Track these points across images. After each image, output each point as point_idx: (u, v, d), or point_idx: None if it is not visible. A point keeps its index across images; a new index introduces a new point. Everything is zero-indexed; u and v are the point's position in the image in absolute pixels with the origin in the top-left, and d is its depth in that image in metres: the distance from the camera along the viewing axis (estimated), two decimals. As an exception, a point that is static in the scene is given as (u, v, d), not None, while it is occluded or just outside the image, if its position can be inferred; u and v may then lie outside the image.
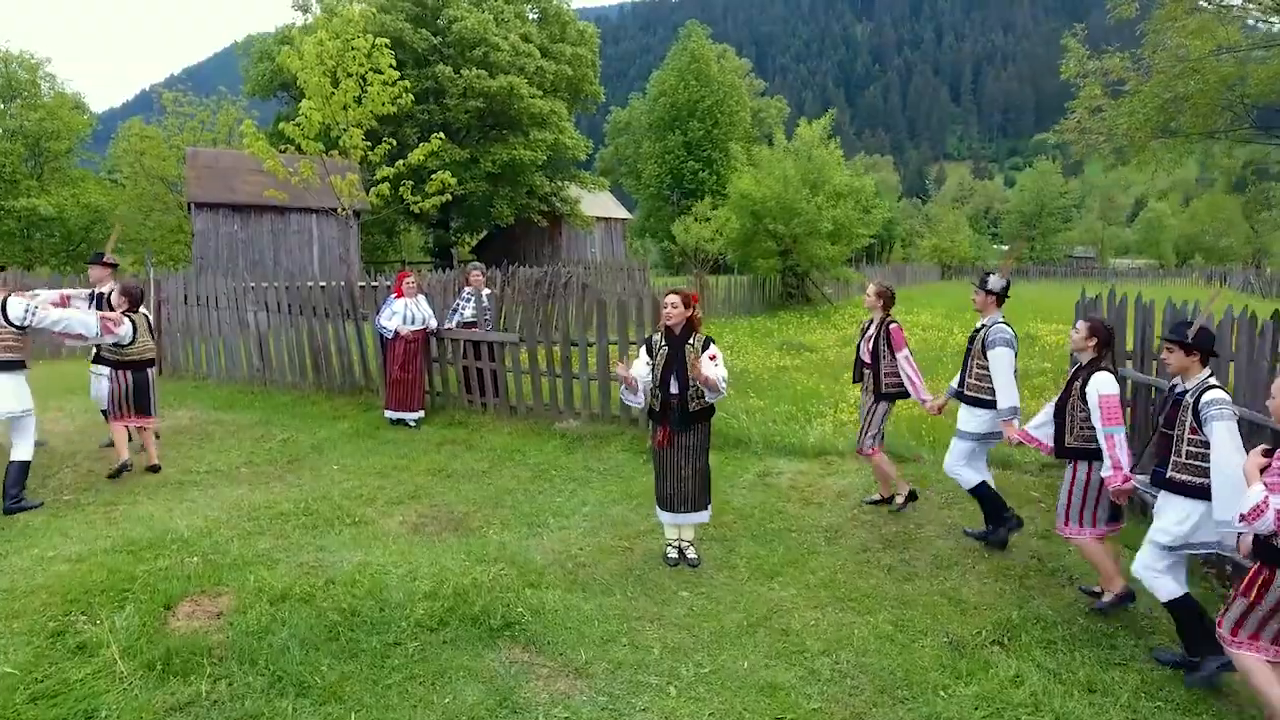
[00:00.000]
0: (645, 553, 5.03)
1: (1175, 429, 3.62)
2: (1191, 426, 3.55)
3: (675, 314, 4.70)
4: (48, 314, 5.76)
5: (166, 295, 10.47)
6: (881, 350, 5.56)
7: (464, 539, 5.25)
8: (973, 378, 5.05)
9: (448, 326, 8.60)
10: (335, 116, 11.56)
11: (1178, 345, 3.67)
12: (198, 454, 7.22)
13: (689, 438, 4.75)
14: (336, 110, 11.41)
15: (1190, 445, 3.55)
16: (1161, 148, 11.06)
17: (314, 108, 11.19)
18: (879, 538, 5.35)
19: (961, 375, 5.18)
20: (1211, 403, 3.48)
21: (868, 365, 5.64)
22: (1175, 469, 3.62)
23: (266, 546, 4.94)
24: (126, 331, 6.37)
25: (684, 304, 4.73)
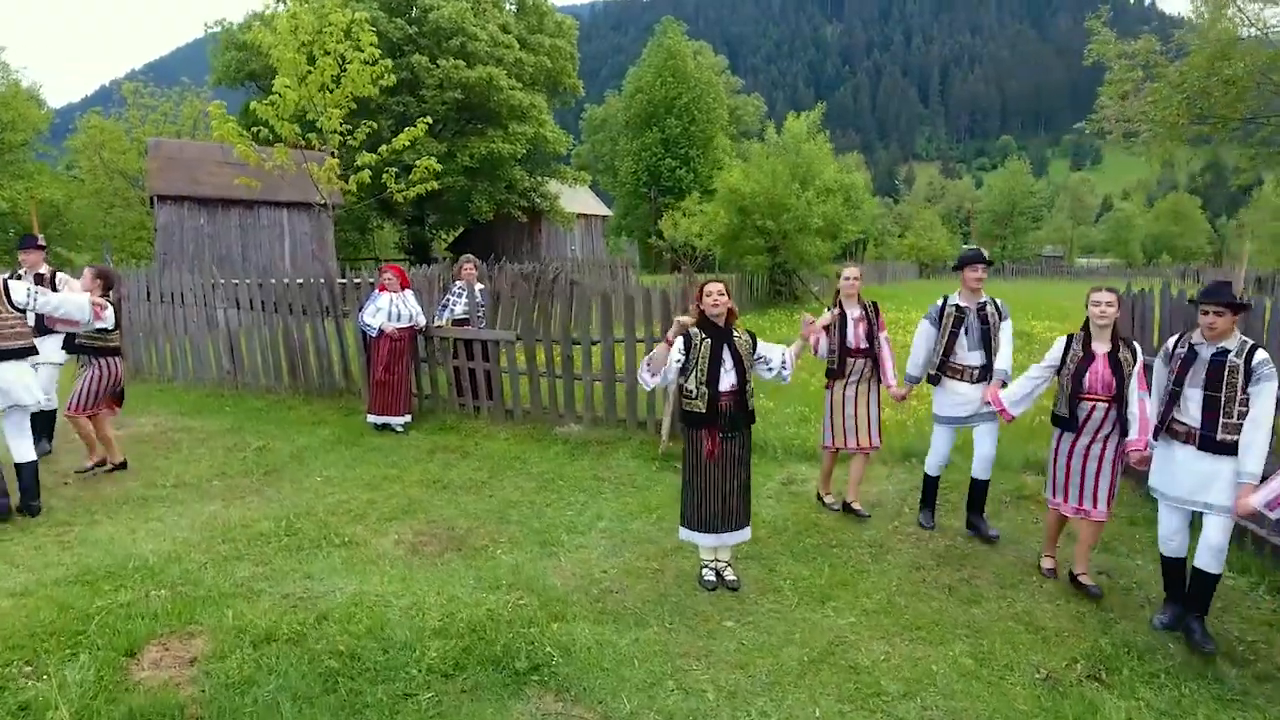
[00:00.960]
0: (678, 574, 4.49)
1: (1224, 390, 3.61)
2: (1241, 386, 3.58)
3: (722, 302, 4.18)
4: (48, 298, 5.32)
5: (127, 292, 9.69)
6: (875, 334, 5.26)
7: (469, 561, 4.67)
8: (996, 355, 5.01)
9: (437, 324, 7.98)
10: (312, 97, 10.78)
11: (1226, 308, 3.62)
12: (164, 465, 6.53)
13: (736, 445, 4.22)
14: (313, 91, 10.63)
15: (1241, 405, 3.58)
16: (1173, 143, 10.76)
17: (288, 85, 10.39)
18: (929, 553, 4.86)
19: (987, 359, 4.96)
20: (1265, 361, 3.56)
21: (864, 352, 5.24)
22: (1226, 430, 3.61)
23: (245, 574, 4.31)
24: (111, 316, 5.92)
25: (726, 294, 4.21)
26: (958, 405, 5.01)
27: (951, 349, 4.99)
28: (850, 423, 5.30)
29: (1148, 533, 5.22)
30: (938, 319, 5.07)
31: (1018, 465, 6.46)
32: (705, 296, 4.20)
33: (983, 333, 4.95)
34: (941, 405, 5.10)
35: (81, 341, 6.06)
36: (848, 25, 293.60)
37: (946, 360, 5.02)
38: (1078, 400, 4.20)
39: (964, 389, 4.98)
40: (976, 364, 4.96)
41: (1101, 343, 4.20)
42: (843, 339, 5.23)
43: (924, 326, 5.15)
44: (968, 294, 5.01)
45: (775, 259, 18.94)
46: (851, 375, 5.26)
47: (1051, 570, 4.53)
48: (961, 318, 4.98)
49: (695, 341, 4.21)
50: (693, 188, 41.25)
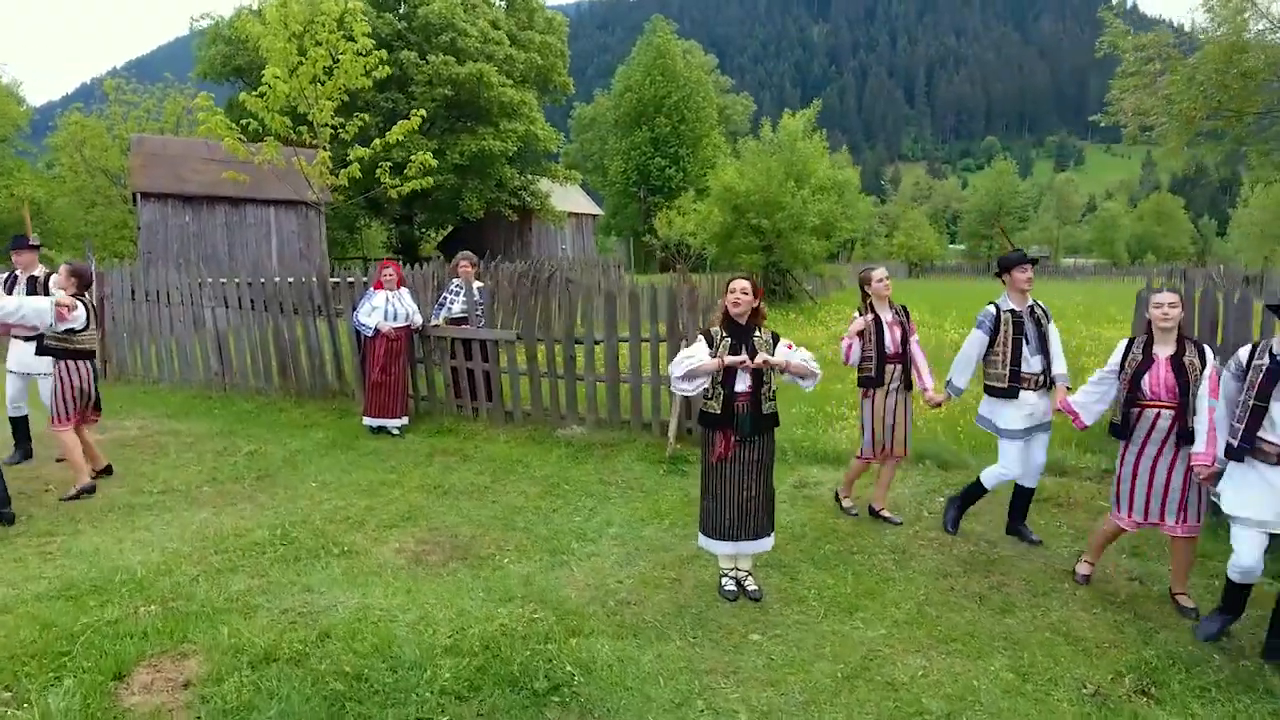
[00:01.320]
0: (696, 584, 4.29)
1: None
2: None
3: (745, 301, 3.98)
4: (5, 302, 5.11)
5: (110, 290, 9.40)
6: (908, 337, 5.08)
7: (476, 571, 4.44)
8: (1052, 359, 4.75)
9: (434, 323, 7.74)
10: (303, 89, 10.45)
11: None
12: (150, 471, 6.26)
13: (755, 449, 4.02)
14: (304, 83, 10.30)
15: None
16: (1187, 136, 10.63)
17: (279, 76, 10.05)
18: (954, 560, 4.69)
19: (1045, 363, 4.68)
20: None
21: (896, 358, 5.03)
22: None
23: (240, 588, 4.07)
24: (80, 317, 5.55)
25: (753, 292, 4.01)
26: (1026, 416, 4.66)
27: (1018, 358, 4.64)
28: (888, 433, 5.08)
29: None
30: (993, 326, 4.71)
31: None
32: (729, 294, 4.01)
33: (1039, 337, 4.66)
34: (1011, 418, 4.68)
35: (48, 343, 5.63)
36: (834, 26, 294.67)
37: (1017, 370, 4.65)
38: (1135, 406, 3.95)
39: (1032, 399, 4.66)
40: (1038, 370, 4.66)
41: (1165, 346, 3.93)
42: (879, 344, 4.99)
43: (976, 335, 4.76)
44: (1017, 296, 4.69)
45: (769, 258, 18.78)
46: (890, 383, 5.02)
47: (1086, 577, 4.34)
48: (1021, 322, 4.65)
49: (716, 341, 4.01)
50: (683, 187, 41.18)
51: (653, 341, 6.93)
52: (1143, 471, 3.96)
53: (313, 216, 17.88)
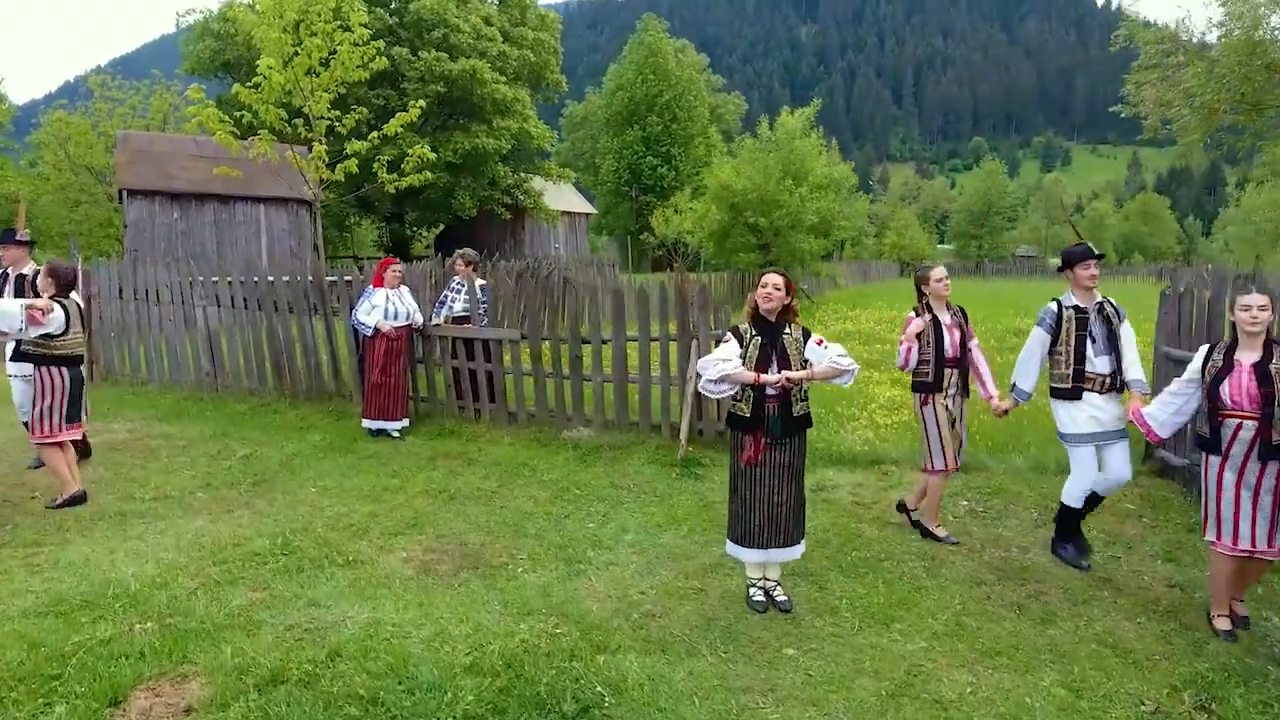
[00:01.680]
0: (723, 595, 4.09)
1: None
2: None
3: (776, 297, 3.78)
4: None
5: (97, 288, 9.10)
6: (967, 341, 4.79)
7: (489, 581, 4.23)
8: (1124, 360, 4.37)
9: (435, 322, 7.52)
10: (299, 81, 10.15)
11: None
12: (141, 476, 6.01)
13: (786, 453, 3.82)
14: (300, 74, 9.99)
15: None
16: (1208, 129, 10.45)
17: (273, 67, 9.72)
18: (986, 566, 4.51)
19: (1114, 363, 4.36)
20: None
21: (954, 362, 4.74)
22: None
23: (242, 602, 3.84)
24: (58, 320, 5.15)
25: (785, 288, 3.81)
26: (1093, 420, 4.38)
27: (1081, 357, 4.39)
28: (953, 442, 4.79)
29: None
30: (1055, 324, 4.46)
31: (1054, 469, 6.15)
32: (759, 289, 3.81)
33: (1108, 335, 4.35)
34: (1076, 422, 4.39)
35: (26, 348, 5.32)
36: (822, 26, 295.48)
37: (1080, 370, 4.40)
38: (1218, 417, 3.62)
39: (1098, 401, 4.38)
40: (1106, 371, 4.34)
41: (1250, 351, 3.59)
42: (938, 348, 4.71)
43: (1037, 333, 4.50)
44: (1082, 293, 4.41)
45: (767, 256, 18.62)
46: (949, 388, 4.75)
47: (1230, 632, 3.71)
48: (1085, 319, 4.38)
49: (746, 338, 3.82)
50: (675, 186, 41.02)
51: (662, 340, 6.73)
52: (1244, 489, 3.58)
53: (304, 214, 17.57)
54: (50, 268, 5.36)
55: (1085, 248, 4.49)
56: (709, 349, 6.55)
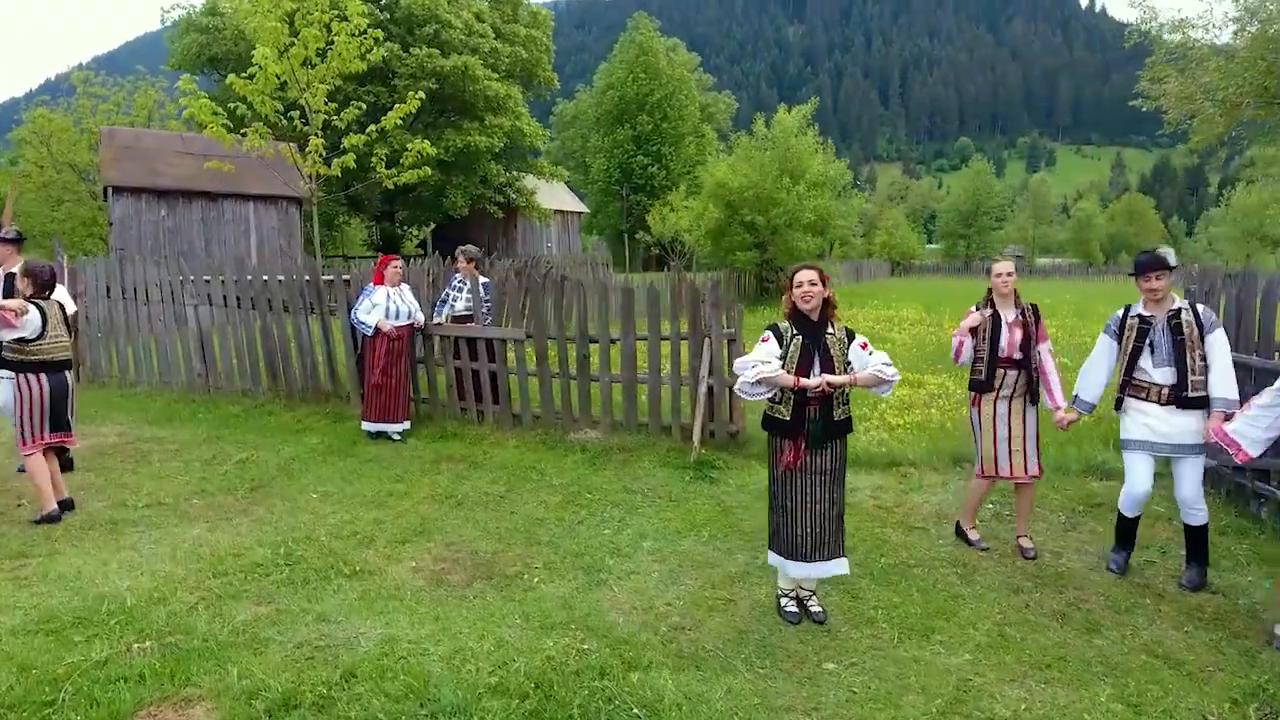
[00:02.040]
0: (752, 605, 3.90)
1: None
2: None
3: (816, 293, 3.59)
4: None
5: (84, 287, 8.81)
6: (1032, 342, 4.49)
7: (506, 592, 4.02)
8: (1197, 373, 4.02)
9: (436, 321, 7.29)
10: (295, 72, 9.84)
11: None
12: (133, 482, 5.75)
13: (827, 458, 3.64)
14: (296, 64, 9.68)
15: None
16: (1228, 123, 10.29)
17: (269, 57, 9.40)
18: (1021, 574, 4.35)
19: (1180, 376, 4.05)
20: None
21: (1017, 363, 4.50)
22: None
23: (246, 617, 3.62)
24: (33, 324, 4.85)
25: (822, 282, 3.62)
26: (1145, 428, 4.18)
27: (1134, 365, 4.20)
28: (1004, 446, 4.55)
29: (1240, 543, 4.81)
30: (1118, 331, 4.29)
31: (1077, 470, 6.01)
32: (795, 287, 3.61)
33: (1174, 346, 4.05)
34: (1127, 428, 4.25)
35: (3, 354, 5.00)
36: (810, 26, 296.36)
37: (1129, 379, 4.23)
38: None
39: (1152, 409, 4.15)
40: (1164, 382, 4.08)
41: None
42: (993, 345, 4.51)
43: (1103, 341, 4.35)
44: (1153, 303, 4.16)
45: (764, 255, 18.47)
46: (1003, 389, 4.52)
47: None
48: (1145, 329, 4.17)
49: (786, 338, 3.62)
50: (665, 185, 40.85)
51: (673, 339, 6.54)
52: None
53: (293, 212, 17.26)
54: (26, 267, 5.06)
55: (1149, 257, 4.22)
56: (721, 348, 6.39)
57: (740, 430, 6.52)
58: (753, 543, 4.71)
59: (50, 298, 5.11)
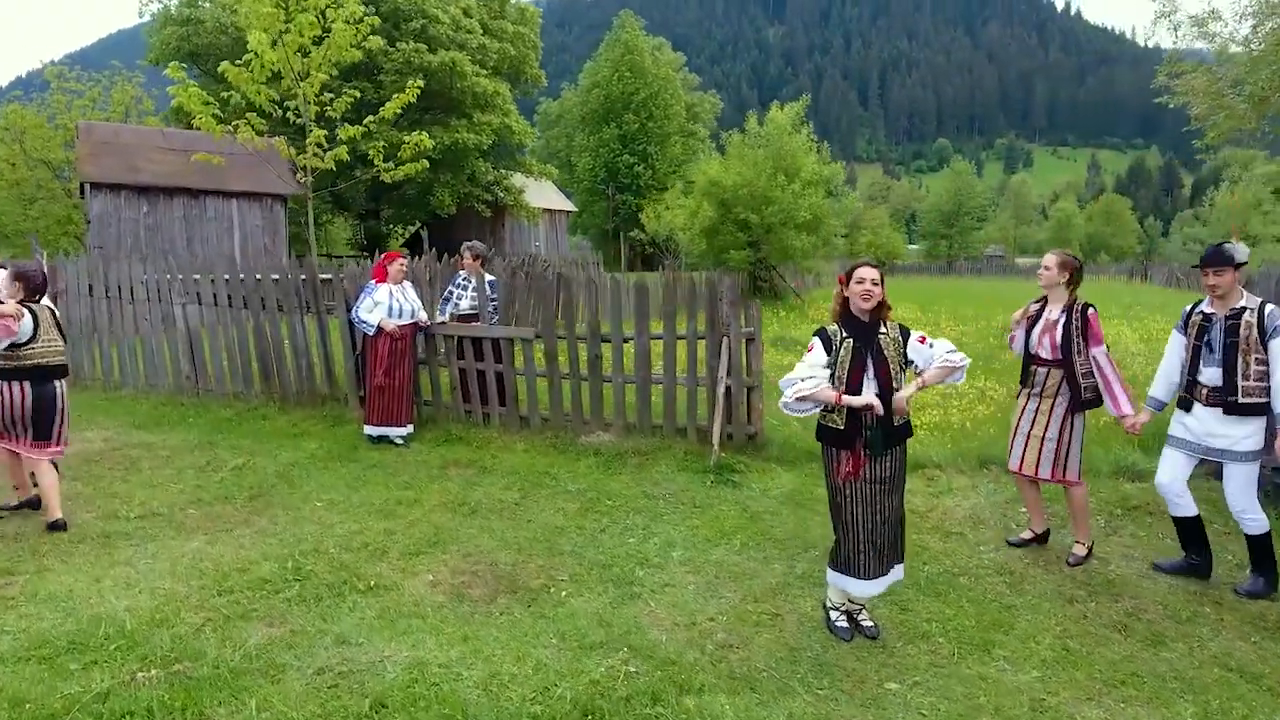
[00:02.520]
0: (799, 619, 3.68)
1: None
2: None
3: (877, 294, 3.36)
4: None
5: (64, 285, 8.43)
6: (1075, 343, 4.24)
7: (534, 608, 3.77)
8: (1251, 379, 3.80)
9: (440, 320, 7.01)
10: (290, 60, 9.45)
11: None
12: (124, 491, 5.42)
13: (888, 466, 3.41)
14: (290, 52, 9.29)
15: None
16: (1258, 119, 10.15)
17: (264, 43, 8.99)
18: (1071, 581, 4.16)
19: (1229, 379, 3.86)
20: None
21: (1051, 363, 4.29)
22: None
23: (259, 640, 3.33)
24: (25, 329, 4.56)
25: (881, 281, 3.40)
26: (1182, 427, 4.06)
27: (1195, 364, 4.02)
28: (1021, 438, 4.40)
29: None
30: (1184, 326, 4.11)
31: (1108, 472, 5.84)
32: (855, 284, 3.38)
33: (1227, 348, 3.86)
34: (1172, 423, 4.15)
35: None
36: (790, 28, 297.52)
37: (1192, 378, 4.03)
38: None
39: (1199, 412, 3.97)
40: (1209, 383, 3.93)
41: None
42: (1027, 341, 4.39)
43: (1173, 337, 4.18)
44: (1215, 301, 3.97)
45: (758, 254, 18.29)
46: (1034, 387, 4.34)
47: None
48: (1206, 327, 3.98)
49: (835, 342, 3.40)
50: (651, 185, 40.65)
51: (689, 338, 6.31)
52: None
53: (278, 209, 16.84)
54: (17, 271, 4.75)
55: (1210, 250, 4.01)
56: (740, 347, 6.17)
57: (759, 432, 6.31)
58: (786, 551, 4.49)
59: (41, 301, 4.80)
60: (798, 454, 6.26)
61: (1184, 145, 20.28)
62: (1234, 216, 33.57)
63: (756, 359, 6.19)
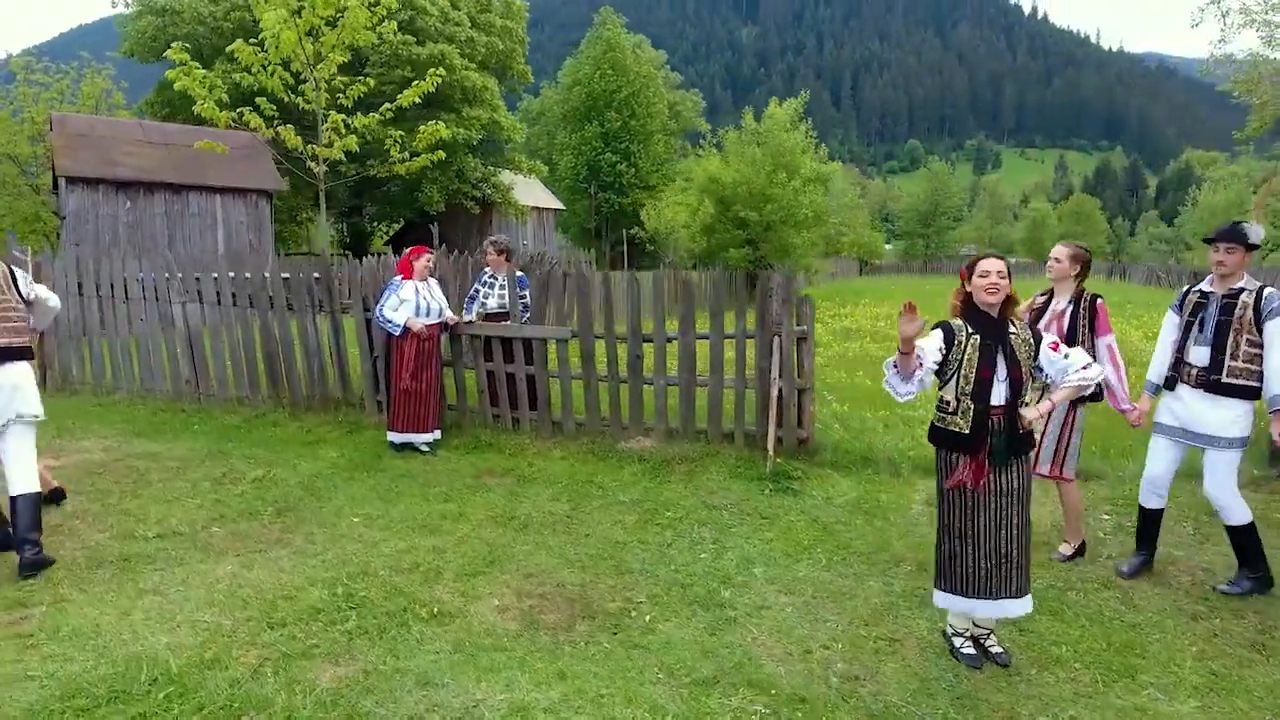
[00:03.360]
0: (920, 645, 3.35)
1: None
2: None
3: (1003, 287, 3.07)
4: None
5: (50, 284, 7.86)
6: (1081, 333, 4.08)
7: (621, 636, 3.41)
8: (1240, 359, 3.71)
9: (467, 319, 6.60)
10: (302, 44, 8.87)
11: None
12: (136, 507, 4.95)
13: (1012, 476, 3.11)
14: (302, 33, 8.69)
15: None
16: None
17: (284, 21, 8.40)
18: (1184, 594, 3.91)
19: (1216, 358, 3.76)
20: None
21: None
22: None
23: (329, 683, 2.93)
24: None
25: (1009, 274, 3.10)
26: (1169, 412, 3.94)
27: (1185, 343, 3.91)
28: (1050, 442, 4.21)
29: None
30: (1180, 306, 3.99)
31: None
32: (980, 277, 3.08)
33: (1218, 327, 3.77)
34: (1158, 409, 4.05)
35: None
36: (763, 29, 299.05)
37: (1180, 357, 3.93)
38: None
39: (1184, 394, 3.88)
40: (1197, 363, 3.82)
41: None
42: None
43: (1168, 317, 4.06)
44: (1217, 279, 3.86)
45: (756, 252, 18.03)
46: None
47: None
48: (1202, 305, 3.87)
49: (959, 338, 3.08)
50: (634, 184, 40.27)
51: (738, 338, 5.98)
52: None
53: (264, 205, 16.24)
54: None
55: (1225, 227, 3.87)
56: (792, 348, 5.85)
57: (809, 437, 6.00)
58: (876, 566, 4.17)
59: None
60: (852, 459, 5.97)
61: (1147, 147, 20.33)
62: (1217, 216, 34.17)
63: (809, 359, 5.88)
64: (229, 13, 22.35)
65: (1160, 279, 31.15)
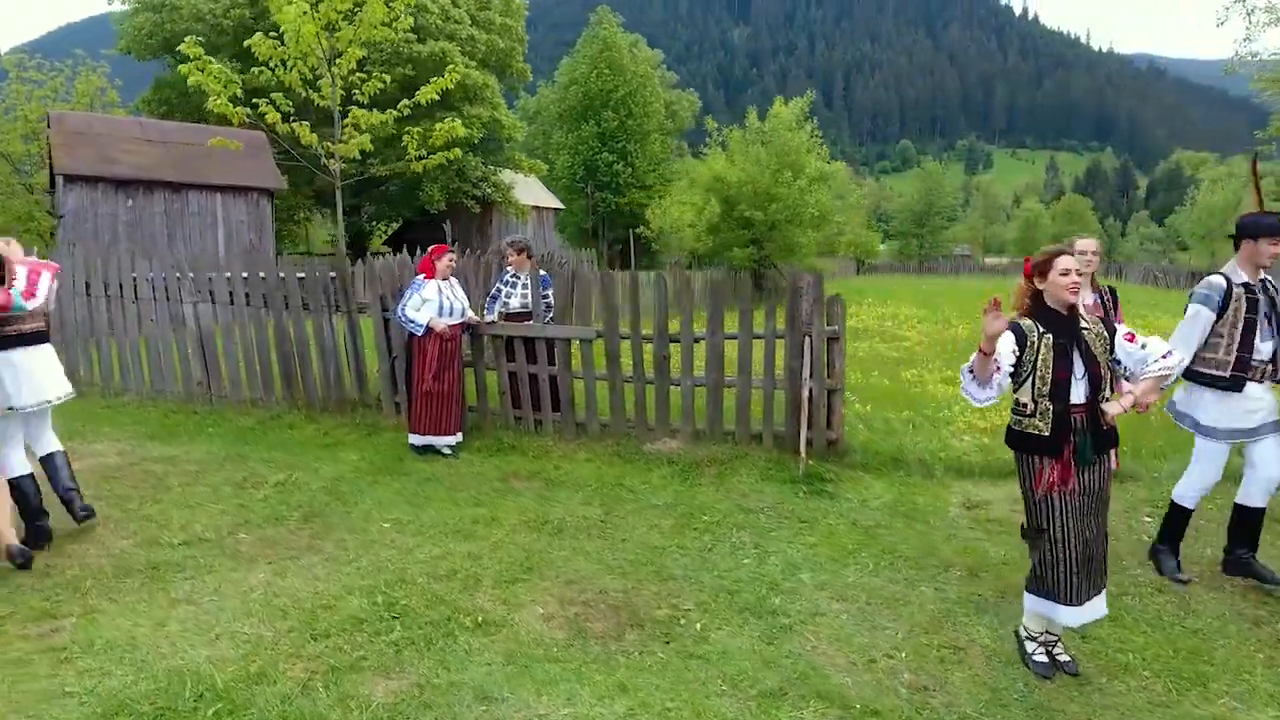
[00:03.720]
0: (985, 654, 3.26)
1: None
2: None
3: (1080, 281, 2.98)
4: None
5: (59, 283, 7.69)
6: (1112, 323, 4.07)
7: (675, 645, 3.31)
8: None
9: (489, 319, 6.49)
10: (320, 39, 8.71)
11: None
12: (157, 513, 4.81)
13: (1096, 476, 3.02)
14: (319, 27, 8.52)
15: None
16: None
17: (306, 13, 8.23)
18: (1240, 597, 3.84)
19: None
20: None
21: None
22: None
23: (385, 698, 2.82)
24: None
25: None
26: (1248, 415, 3.81)
27: (1249, 343, 3.78)
28: None
29: None
30: (1223, 303, 3.84)
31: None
32: (1059, 275, 2.97)
33: (1273, 317, 3.81)
34: (1228, 415, 3.85)
35: None
36: (755, 29, 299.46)
37: (1245, 358, 3.79)
38: None
39: (1258, 392, 3.81)
40: (1268, 358, 3.81)
41: None
42: None
43: (1202, 314, 3.87)
44: (1251, 269, 3.81)
45: (760, 251, 17.95)
46: None
47: None
48: (1255, 300, 3.78)
49: (1032, 338, 2.99)
50: (631, 183, 40.15)
51: (768, 338, 5.88)
52: None
53: (265, 204, 16.06)
54: None
55: (1274, 219, 3.83)
56: (822, 348, 5.76)
57: (839, 438, 5.91)
58: (925, 572, 4.09)
59: None
60: (882, 461, 5.89)
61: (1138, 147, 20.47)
62: (1216, 215, 34.44)
63: (840, 360, 5.78)
64: (229, 10, 22.13)
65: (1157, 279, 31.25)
